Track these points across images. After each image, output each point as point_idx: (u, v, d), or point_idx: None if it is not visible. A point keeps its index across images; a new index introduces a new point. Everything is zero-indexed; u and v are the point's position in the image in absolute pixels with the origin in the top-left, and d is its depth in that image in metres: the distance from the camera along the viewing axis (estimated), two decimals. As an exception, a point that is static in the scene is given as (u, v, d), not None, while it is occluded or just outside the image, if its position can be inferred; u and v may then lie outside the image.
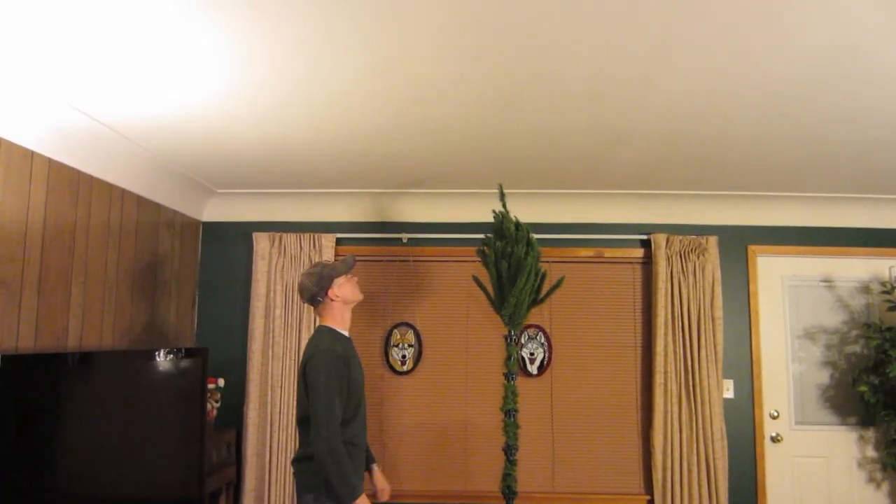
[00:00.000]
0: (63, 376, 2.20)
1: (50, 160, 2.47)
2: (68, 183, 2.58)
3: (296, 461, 2.34)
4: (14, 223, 2.28)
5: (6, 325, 2.24)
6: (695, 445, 3.45)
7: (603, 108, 2.33)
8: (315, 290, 2.38)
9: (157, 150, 2.91)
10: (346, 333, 2.43)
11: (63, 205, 2.55)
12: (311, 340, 2.37)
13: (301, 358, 2.35)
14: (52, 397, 2.14)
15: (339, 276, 2.41)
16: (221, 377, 3.55)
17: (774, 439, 3.59)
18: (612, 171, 3.19)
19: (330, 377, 2.22)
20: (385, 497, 2.55)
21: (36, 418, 2.07)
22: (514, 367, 3.01)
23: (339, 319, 2.42)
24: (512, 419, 2.98)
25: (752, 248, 3.70)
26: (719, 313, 3.52)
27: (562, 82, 2.10)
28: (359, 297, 2.46)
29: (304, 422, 2.30)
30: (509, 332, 3.01)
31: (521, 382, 3.63)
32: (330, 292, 2.38)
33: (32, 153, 2.38)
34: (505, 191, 3.52)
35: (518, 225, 2.98)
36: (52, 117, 2.36)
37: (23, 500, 1.99)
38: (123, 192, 2.98)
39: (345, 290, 2.41)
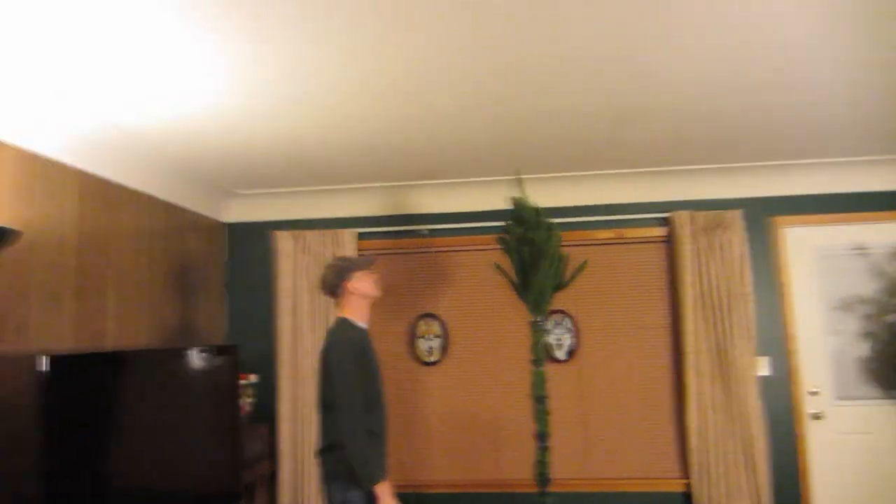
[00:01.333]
0: (105, 375, 2.29)
1: (81, 172, 2.59)
2: (99, 193, 2.70)
3: (320, 452, 2.39)
4: (52, 233, 2.40)
5: (50, 329, 2.35)
6: (731, 426, 3.37)
7: (616, 85, 2.30)
8: (335, 282, 2.49)
9: (177, 157, 3.00)
10: (364, 326, 2.50)
11: (96, 214, 2.67)
12: (331, 330, 2.44)
13: (322, 346, 2.41)
14: (95, 396, 2.23)
15: (357, 270, 2.50)
16: (254, 373, 3.63)
17: (815, 416, 3.49)
18: (629, 149, 3.15)
19: (351, 364, 2.30)
20: None
21: (81, 416, 2.15)
22: (541, 352, 3.00)
23: (358, 312, 2.50)
24: (542, 406, 2.97)
25: (777, 219, 3.59)
26: (749, 289, 3.43)
27: (574, 63, 2.09)
28: (376, 292, 2.54)
29: (326, 409, 2.36)
30: (534, 318, 3.01)
31: (549, 368, 3.62)
32: (349, 285, 2.48)
33: (66, 167, 2.50)
34: (522, 176, 3.52)
35: (537, 210, 2.98)
36: (80, 130, 2.47)
37: (68, 493, 2.07)
38: (150, 198, 3.09)
39: (363, 284, 2.50)
